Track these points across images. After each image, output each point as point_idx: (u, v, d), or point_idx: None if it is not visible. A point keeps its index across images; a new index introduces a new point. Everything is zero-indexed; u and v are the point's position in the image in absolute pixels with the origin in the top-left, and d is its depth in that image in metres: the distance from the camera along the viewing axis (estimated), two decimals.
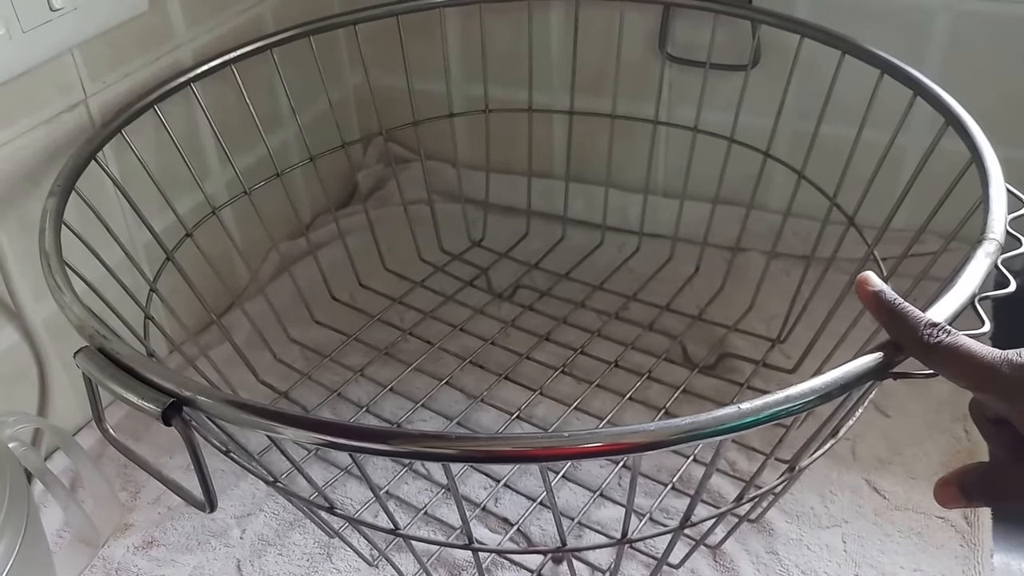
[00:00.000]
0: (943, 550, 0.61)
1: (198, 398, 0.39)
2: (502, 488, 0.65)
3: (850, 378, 0.39)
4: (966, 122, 0.56)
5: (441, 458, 0.37)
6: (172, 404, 0.39)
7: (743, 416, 0.37)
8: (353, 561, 0.61)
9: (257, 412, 0.38)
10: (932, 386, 0.72)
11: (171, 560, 0.62)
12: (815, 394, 0.38)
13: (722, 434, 0.37)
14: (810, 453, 0.50)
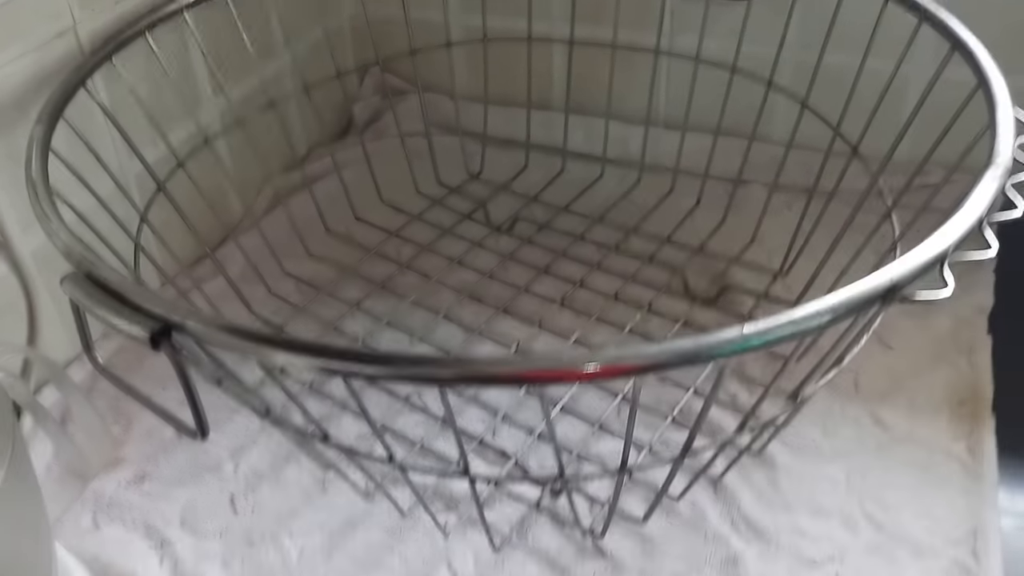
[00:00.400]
0: (947, 483, 0.60)
1: (187, 322, 0.38)
2: (500, 422, 0.64)
3: (858, 300, 0.38)
4: (972, 47, 0.55)
5: (436, 381, 0.36)
6: (161, 329, 0.38)
7: (747, 339, 0.35)
8: (349, 494, 0.60)
9: (248, 336, 0.37)
10: (935, 318, 0.72)
11: (163, 494, 0.61)
12: (822, 316, 0.37)
13: (726, 355, 0.35)
14: (813, 382, 0.49)
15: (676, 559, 0.57)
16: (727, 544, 0.57)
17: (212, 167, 0.73)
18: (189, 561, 0.57)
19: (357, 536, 0.58)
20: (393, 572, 0.56)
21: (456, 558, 0.57)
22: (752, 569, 0.56)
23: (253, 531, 0.59)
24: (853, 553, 0.57)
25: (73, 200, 0.53)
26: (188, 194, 0.68)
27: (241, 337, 0.37)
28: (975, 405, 0.65)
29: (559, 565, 0.56)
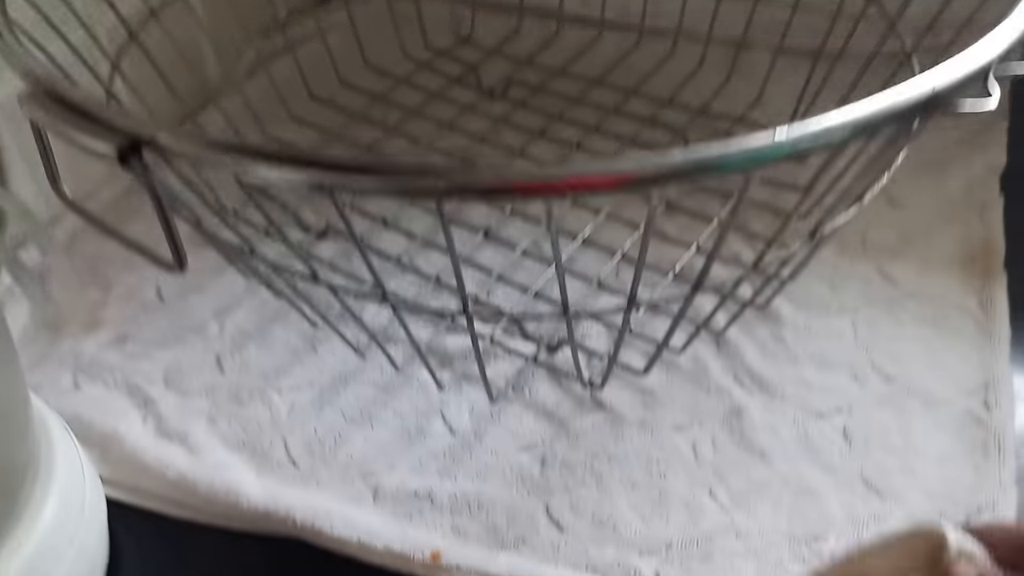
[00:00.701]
0: (958, 336, 0.58)
1: (158, 135, 0.35)
2: (495, 281, 0.62)
3: (897, 109, 0.34)
4: None
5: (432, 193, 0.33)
6: (130, 144, 0.35)
7: (779, 146, 0.32)
8: (340, 351, 0.58)
9: (225, 148, 0.34)
10: (946, 177, 0.69)
11: (145, 355, 0.59)
12: (857, 126, 0.33)
13: (754, 164, 0.33)
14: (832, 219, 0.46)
15: (678, 411, 0.55)
16: (730, 396, 0.55)
17: (188, 24, 0.69)
18: (173, 419, 0.55)
19: (349, 391, 0.56)
20: (386, 425, 0.54)
21: (451, 411, 0.55)
22: (757, 420, 0.54)
23: (241, 389, 0.56)
24: (861, 404, 0.55)
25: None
26: (166, 54, 0.64)
27: (219, 150, 0.34)
28: (987, 262, 0.63)
29: (557, 417, 0.54)
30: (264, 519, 0.49)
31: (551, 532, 0.49)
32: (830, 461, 0.52)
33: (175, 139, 0.35)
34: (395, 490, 0.51)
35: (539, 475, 0.52)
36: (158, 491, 0.51)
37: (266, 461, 0.52)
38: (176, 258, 0.39)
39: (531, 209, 0.67)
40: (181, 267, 0.39)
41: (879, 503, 0.50)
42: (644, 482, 0.51)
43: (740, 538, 0.49)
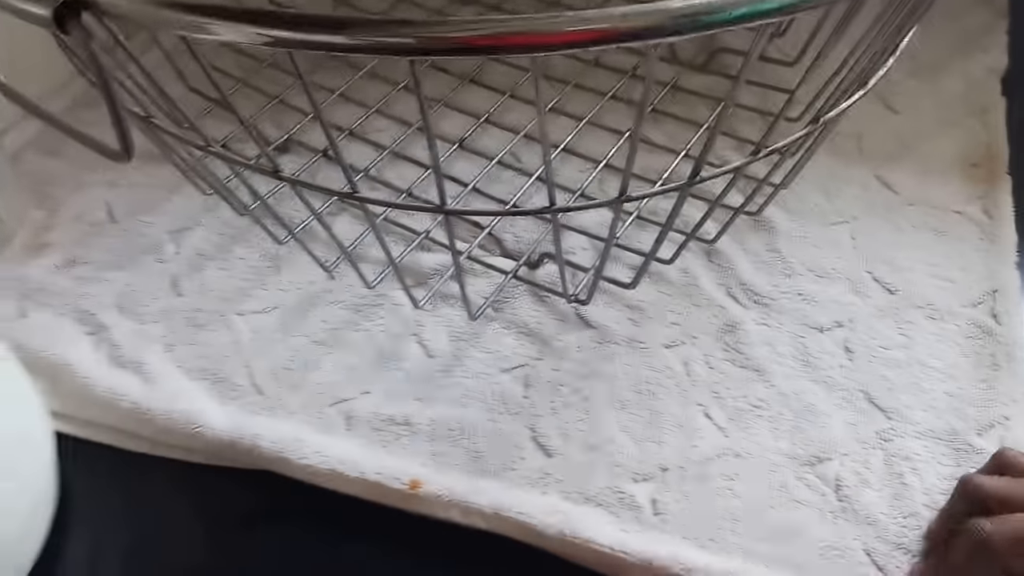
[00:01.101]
0: (962, 244, 0.55)
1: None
2: (470, 194, 0.58)
3: None
4: None
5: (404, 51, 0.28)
6: (67, 2, 0.30)
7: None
8: (307, 271, 0.54)
9: (178, 6, 0.29)
10: (945, 80, 0.66)
11: (97, 278, 0.54)
12: None
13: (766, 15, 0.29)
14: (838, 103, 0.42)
15: (668, 327, 0.51)
16: (723, 311, 0.52)
17: None
18: (127, 346, 0.51)
19: (317, 313, 0.52)
20: (357, 349, 0.50)
21: (427, 332, 0.51)
22: (753, 336, 0.51)
23: (199, 313, 0.53)
24: (863, 317, 0.52)
25: None
26: None
27: (170, 8, 0.29)
28: (990, 167, 0.60)
29: (540, 336, 0.51)
30: (228, 449, 0.45)
31: (538, 458, 0.46)
32: (831, 377, 0.49)
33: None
34: (369, 417, 0.47)
35: (523, 397, 0.48)
36: (111, 423, 0.47)
37: (229, 389, 0.49)
38: (123, 144, 0.34)
39: (508, 117, 0.63)
40: (128, 155, 0.35)
41: (884, 421, 0.47)
42: (635, 403, 0.48)
43: (739, 460, 0.46)
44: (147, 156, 0.60)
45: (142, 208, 0.58)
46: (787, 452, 0.46)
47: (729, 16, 0.29)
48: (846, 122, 0.62)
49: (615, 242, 0.54)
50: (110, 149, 0.34)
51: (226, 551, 0.44)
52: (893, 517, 0.43)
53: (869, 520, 0.43)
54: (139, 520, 0.45)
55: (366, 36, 0.28)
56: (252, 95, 0.64)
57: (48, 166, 0.61)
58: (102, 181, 0.60)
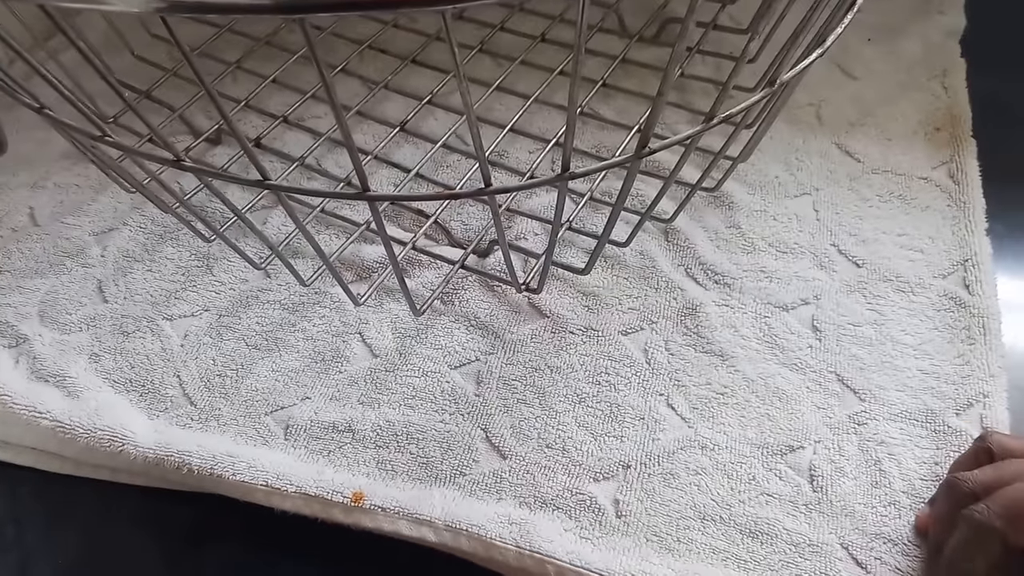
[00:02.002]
0: (929, 211, 0.53)
1: None
2: (414, 180, 0.55)
3: None
4: None
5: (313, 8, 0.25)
6: None
7: None
8: (239, 270, 0.51)
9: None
10: (902, 43, 0.63)
11: (17, 287, 0.51)
12: None
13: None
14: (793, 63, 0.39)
15: (625, 313, 0.48)
16: (683, 293, 0.49)
17: None
18: (50, 358, 0.47)
19: (251, 314, 0.49)
20: (296, 351, 0.47)
21: (370, 330, 0.48)
22: (714, 318, 0.48)
23: (127, 319, 0.49)
24: (829, 293, 0.49)
25: None
26: None
27: None
28: (953, 130, 0.57)
29: (491, 328, 0.48)
30: (155, 468, 0.42)
31: (492, 460, 0.43)
32: (799, 359, 0.46)
33: None
34: (309, 424, 0.44)
35: (475, 395, 0.45)
36: (31, 443, 0.44)
37: (157, 400, 0.46)
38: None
39: (453, 99, 0.60)
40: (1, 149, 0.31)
41: (857, 403, 0.45)
42: (593, 395, 0.45)
43: (706, 452, 0.43)
44: (72, 156, 0.57)
45: (66, 210, 0.55)
46: (756, 442, 0.43)
47: None
48: (804, 91, 0.60)
49: (567, 225, 0.51)
50: None
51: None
52: (871, 507, 0.41)
53: (846, 511, 0.41)
54: (65, 546, 0.42)
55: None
56: (183, 86, 0.61)
57: None
58: (24, 183, 0.56)
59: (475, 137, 0.32)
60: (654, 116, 0.34)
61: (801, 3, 0.43)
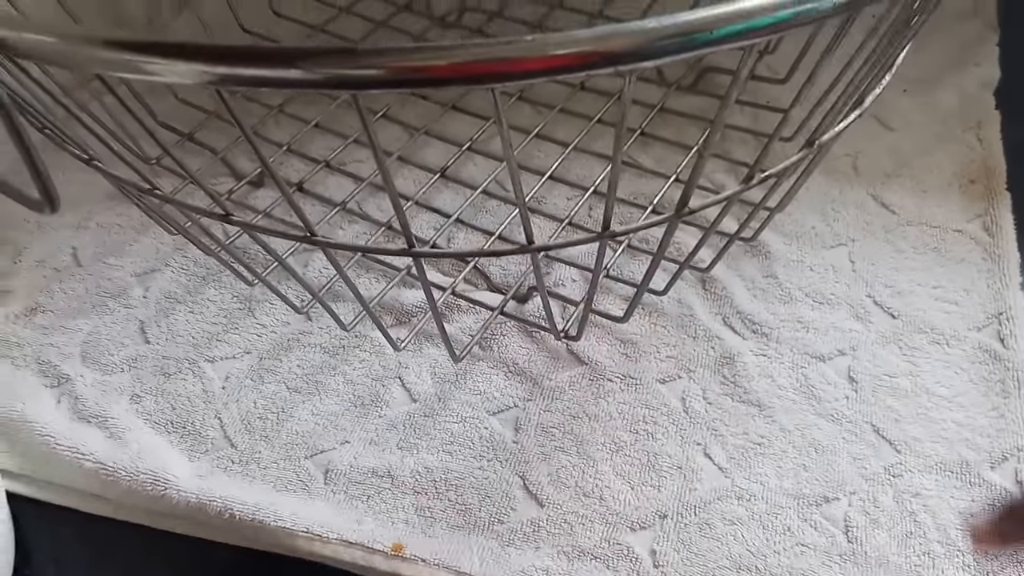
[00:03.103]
0: (964, 264, 0.53)
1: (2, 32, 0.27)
2: (454, 225, 0.55)
3: None
4: None
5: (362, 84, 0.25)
6: None
7: (778, 7, 0.26)
8: (280, 313, 0.52)
9: (91, 42, 0.25)
10: (938, 95, 0.63)
11: (60, 327, 0.52)
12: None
13: (755, 33, 0.26)
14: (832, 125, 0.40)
15: (663, 361, 0.49)
16: (721, 342, 0.49)
17: None
18: (91, 398, 0.48)
19: (292, 358, 0.50)
20: (336, 394, 0.48)
21: (410, 374, 0.49)
22: (752, 368, 0.48)
23: (168, 360, 0.50)
24: (865, 344, 0.49)
25: None
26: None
27: (81, 43, 0.26)
28: (988, 182, 0.58)
29: (530, 375, 0.48)
30: (197, 512, 0.42)
31: (530, 508, 0.43)
32: (835, 410, 0.46)
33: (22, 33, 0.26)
34: (348, 469, 0.45)
35: (513, 442, 0.46)
36: (74, 484, 0.44)
37: (199, 442, 0.46)
38: (43, 194, 0.31)
39: (493, 144, 0.60)
40: (51, 206, 0.31)
41: (893, 455, 0.45)
42: (630, 444, 0.45)
43: (742, 503, 0.43)
44: (116, 196, 0.57)
45: (109, 250, 0.56)
46: (792, 492, 0.43)
47: (712, 36, 0.26)
48: (841, 142, 0.60)
49: (605, 273, 0.52)
50: (31, 199, 0.31)
51: None
52: (906, 557, 0.41)
53: (880, 562, 0.41)
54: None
55: (314, 69, 0.25)
56: (225, 128, 0.62)
57: (9, 208, 0.58)
58: (68, 223, 0.57)
59: (518, 194, 0.33)
60: (695, 177, 0.34)
61: (838, 55, 0.44)
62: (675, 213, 0.36)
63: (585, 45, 0.25)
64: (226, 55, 0.25)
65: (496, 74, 0.25)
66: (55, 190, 0.30)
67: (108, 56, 0.25)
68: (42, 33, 0.26)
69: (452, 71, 0.25)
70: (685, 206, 0.36)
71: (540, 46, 0.25)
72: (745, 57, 0.30)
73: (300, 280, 0.42)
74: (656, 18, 0.25)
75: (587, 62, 0.25)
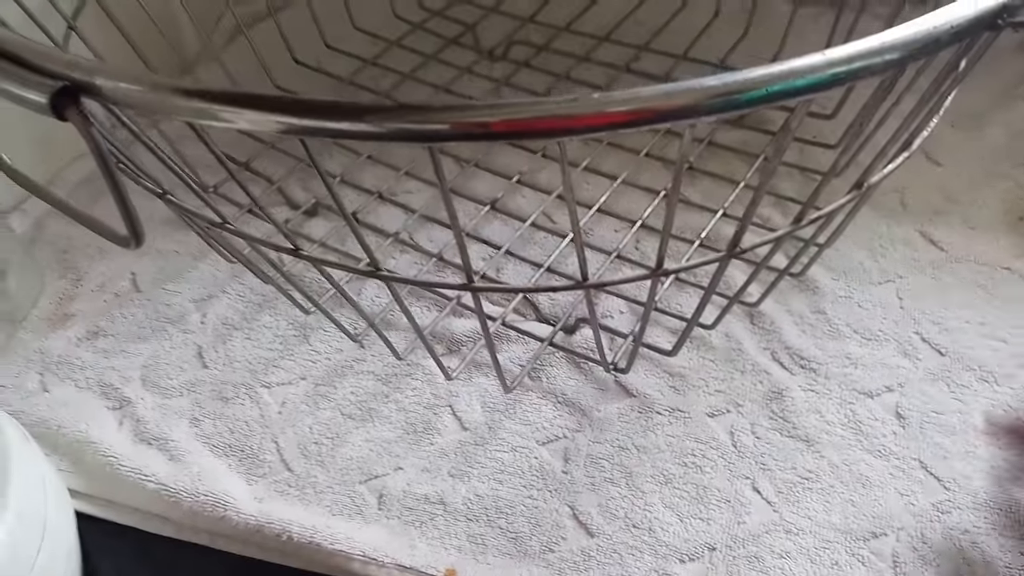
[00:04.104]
0: (1012, 302, 0.53)
1: (97, 80, 0.28)
2: (503, 257, 0.56)
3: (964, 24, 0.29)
4: None
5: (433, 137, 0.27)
6: (63, 89, 0.28)
7: (833, 64, 0.27)
8: (334, 340, 0.53)
9: (176, 91, 0.28)
10: (986, 131, 0.64)
11: (120, 350, 0.53)
12: (919, 42, 0.28)
13: (812, 90, 0.27)
14: (881, 167, 0.40)
15: (712, 394, 0.49)
16: (769, 376, 0.50)
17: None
18: (152, 421, 0.49)
19: (346, 384, 0.51)
20: (389, 422, 0.49)
21: (460, 403, 0.49)
22: (800, 403, 0.48)
23: (226, 385, 0.51)
24: (913, 382, 0.49)
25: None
26: (134, 18, 0.58)
27: (174, 93, 0.28)
28: None
29: (579, 406, 0.49)
30: (256, 534, 0.43)
31: (580, 538, 0.44)
32: (883, 446, 0.47)
33: (118, 82, 0.28)
34: (402, 495, 0.45)
35: (562, 472, 0.46)
36: (137, 504, 0.46)
37: (256, 465, 0.47)
38: (131, 231, 0.32)
39: (540, 177, 0.61)
40: (137, 241, 0.33)
41: (941, 491, 0.45)
42: (679, 476, 0.46)
43: (790, 537, 0.43)
44: (173, 222, 0.59)
45: (167, 276, 0.57)
46: (840, 527, 0.44)
47: (766, 93, 0.27)
48: (888, 177, 0.61)
49: (654, 306, 0.52)
50: (118, 235, 0.32)
51: None
52: None
53: None
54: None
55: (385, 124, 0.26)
56: (279, 157, 0.63)
57: (70, 233, 0.60)
58: (126, 250, 0.59)
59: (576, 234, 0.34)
60: (748, 217, 0.35)
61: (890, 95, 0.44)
62: (728, 252, 0.37)
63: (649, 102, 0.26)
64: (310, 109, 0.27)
65: (564, 130, 0.26)
66: (142, 226, 0.31)
67: (196, 106, 0.27)
68: (138, 83, 0.28)
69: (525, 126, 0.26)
70: (737, 245, 0.37)
71: (605, 103, 0.26)
72: (798, 111, 0.31)
73: (360, 310, 0.43)
74: (717, 76, 0.26)
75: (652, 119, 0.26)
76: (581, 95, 0.26)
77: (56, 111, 0.28)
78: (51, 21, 0.50)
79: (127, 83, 0.28)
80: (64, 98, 0.28)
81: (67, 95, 0.28)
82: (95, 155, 0.30)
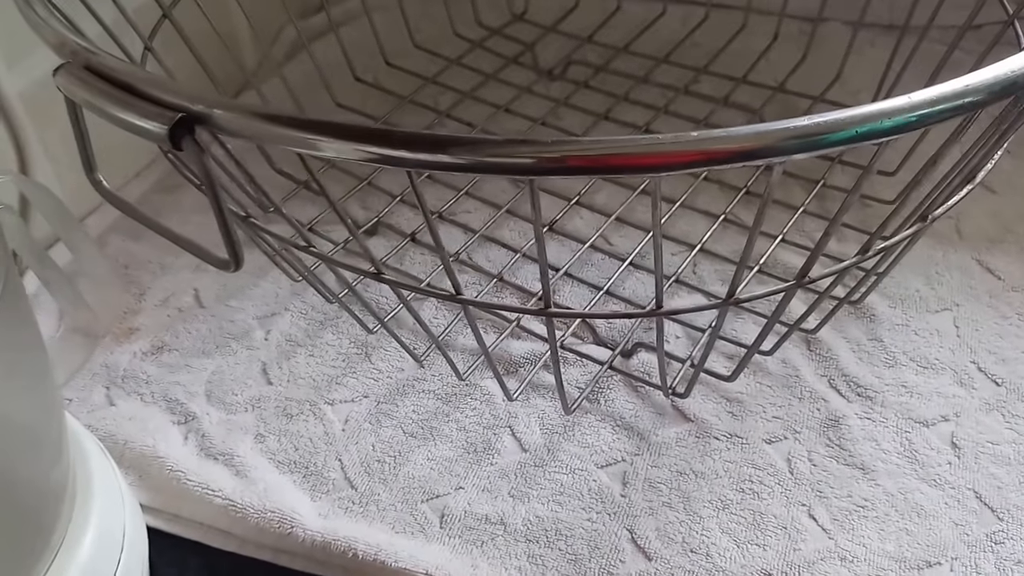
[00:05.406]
0: None
1: (214, 111, 0.30)
2: (561, 279, 0.57)
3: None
4: None
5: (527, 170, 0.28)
6: (181, 120, 0.30)
7: (917, 107, 0.28)
8: (395, 359, 0.54)
9: (290, 123, 0.29)
10: None
11: (185, 365, 0.54)
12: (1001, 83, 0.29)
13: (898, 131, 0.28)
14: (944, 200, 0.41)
15: (769, 421, 0.50)
16: (826, 404, 0.50)
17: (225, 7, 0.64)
18: (217, 436, 0.50)
19: (408, 403, 0.51)
20: (449, 441, 0.50)
21: (519, 424, 0.50)
22: (856, 430, 0.49)
23: (291, 402, 0.52)
24: (969, 411, 0.50)
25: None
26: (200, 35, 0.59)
27: (283, 125, 0.29)
28: None
29: (637, 430, 0.49)
30: (320, 551, 0.44)
31: (638, 561, 0.44)
32: (938, 475, 0.47)
33: (236, 116, 0.30)
34: (463, 515, 0.46)
35: (620, 495, 0.47)
36: (202, 519, 0.47)
37: (320, 482, 0.48)
38: (232, 255, 0.34)
39: (597, 198, 0.62)
40: (237, 265, 0.34)
41: (995, 522, 0.45)
42: (736, 502, 0.46)
43: (845, 564, 0.44)
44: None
45: (229, 293, 0.58)
46: (894, 555, 0.44)
47: (855, 134, 0.28)
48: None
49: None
50: (218, 258, 0.34)
51: None
52: None
53: None
54: None
55: (481, 156, 0.28)
56: (339, 176, 0.64)
57: (132, 249, 0.62)
58: (188, 265, 0.60)
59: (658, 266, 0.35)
60: (819, 248, 0.36)
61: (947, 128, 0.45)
62: (797, 281, 0.37)
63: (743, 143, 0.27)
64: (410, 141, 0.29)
65: (661, 166, 0.28)
66: (242, 250, 0.33)
67: (296, 135, 0.29)
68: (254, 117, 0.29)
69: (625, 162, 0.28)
70: (806, 275, 0.37)
71: (704, 142, 0.27)
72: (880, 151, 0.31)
73: (427, 329, 0.44)
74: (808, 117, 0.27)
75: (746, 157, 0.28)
76: (680, 135, 0.27)
77: (173, 141, 0.30)
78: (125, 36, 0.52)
79: (244, 116, 0.30)
80: (181, 129, 0.30)
81: (183, 126, 0.30)
82: (205, 182, 0.31)
